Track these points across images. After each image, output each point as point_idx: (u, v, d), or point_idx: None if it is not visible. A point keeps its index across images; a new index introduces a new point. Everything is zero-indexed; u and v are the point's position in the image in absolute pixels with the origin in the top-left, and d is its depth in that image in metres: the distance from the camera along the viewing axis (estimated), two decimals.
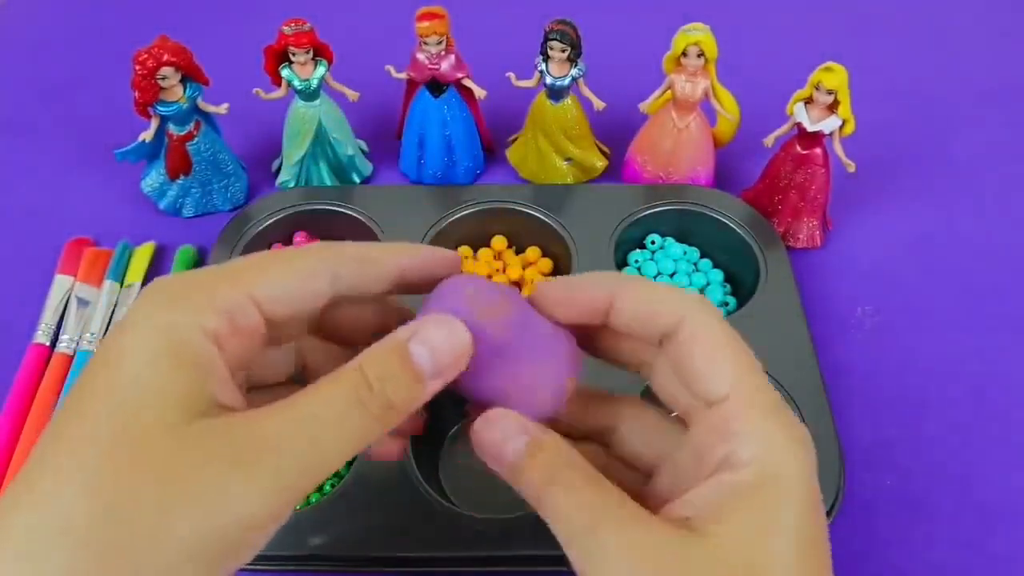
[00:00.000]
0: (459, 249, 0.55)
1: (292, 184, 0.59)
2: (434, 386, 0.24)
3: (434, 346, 0.23)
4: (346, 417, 0.22)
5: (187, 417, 0.21)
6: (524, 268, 0.54)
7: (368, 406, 0.22)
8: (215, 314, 0.22)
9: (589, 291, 0.26)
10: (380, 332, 0.25)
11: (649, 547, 0.22)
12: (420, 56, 0.55)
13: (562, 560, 0.24)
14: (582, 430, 0.29)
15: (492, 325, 0.25)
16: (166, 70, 0.51)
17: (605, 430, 0.29)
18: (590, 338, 0.28)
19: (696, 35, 0.52)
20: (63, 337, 0.50)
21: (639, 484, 0.27)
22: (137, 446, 0.20)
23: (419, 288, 0.27)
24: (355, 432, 0.22)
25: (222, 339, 0.22)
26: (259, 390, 0.27)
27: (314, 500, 0.44)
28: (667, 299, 0.26)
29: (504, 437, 0.24)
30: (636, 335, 0.26)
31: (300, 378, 0.29)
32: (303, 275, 0.24)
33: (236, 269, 0.24)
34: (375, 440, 0.23)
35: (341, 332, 0.28)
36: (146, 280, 0.54)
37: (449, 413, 0.48)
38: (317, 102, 0.56)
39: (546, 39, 0.53)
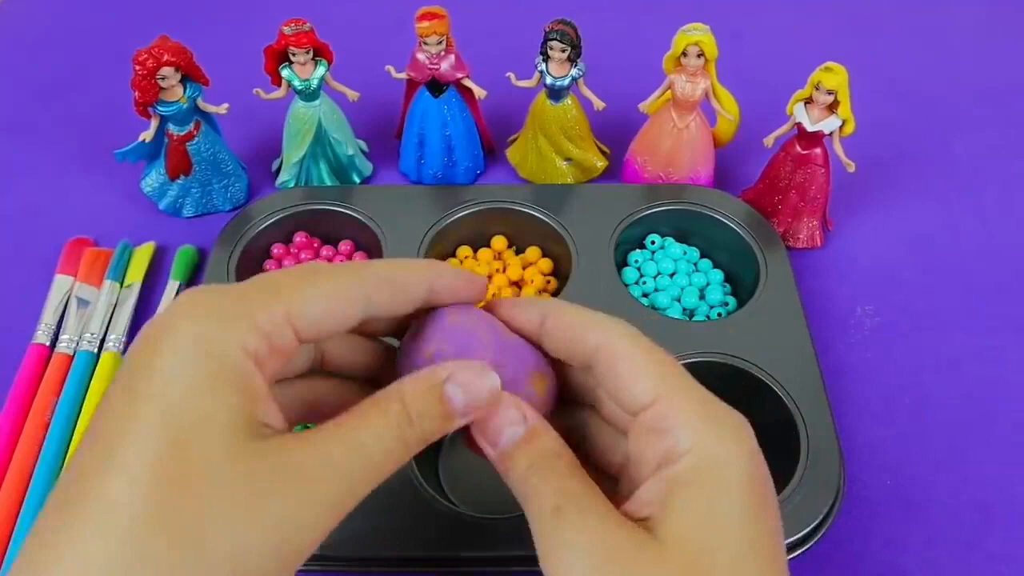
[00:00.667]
0: (459, 249, 0.55)
1: (292, 184, 0.59)
2: (460, 423, 0.26)
3: (468, 390, 0.25)
4: (391, 447, 0.24)
5: (240, 440, 0.21)
6: (524, 268, 0.54)
7: (407, 440, 0.24)
8: (256, 334, 0.22)
9: (525, 314, 0.28)
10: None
11: (605, 538, 0.23)
12: (420, 56, 0.55)
13: None
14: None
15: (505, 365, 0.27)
16: (166, 70, 0.51)
17: (575, 430, 0.29)
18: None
19: (696, 35, 0.52)
20: (63, 337, 0.50)
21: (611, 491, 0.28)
22: (193, 473, 0.20)
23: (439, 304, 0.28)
24: (394, 459, 0.24)
25: (261, 359, 0.23)
26: (280, 383, 0.28)
27: None
28: (589, 323, 0.27)
29: (505, 422, 0.26)
30: (565, 359, 0.28)
31: (318, 367, 0.29)
32: (340, 299, 0.25)
33: (274, 286, 0.24)
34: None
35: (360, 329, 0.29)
36: (146, 280, 0.54)
37: None
38: (317, 102, 0.56)
39: (546, 39, 0.53)
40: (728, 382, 0.47)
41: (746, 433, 0.25)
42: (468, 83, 0.56)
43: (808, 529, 0.40)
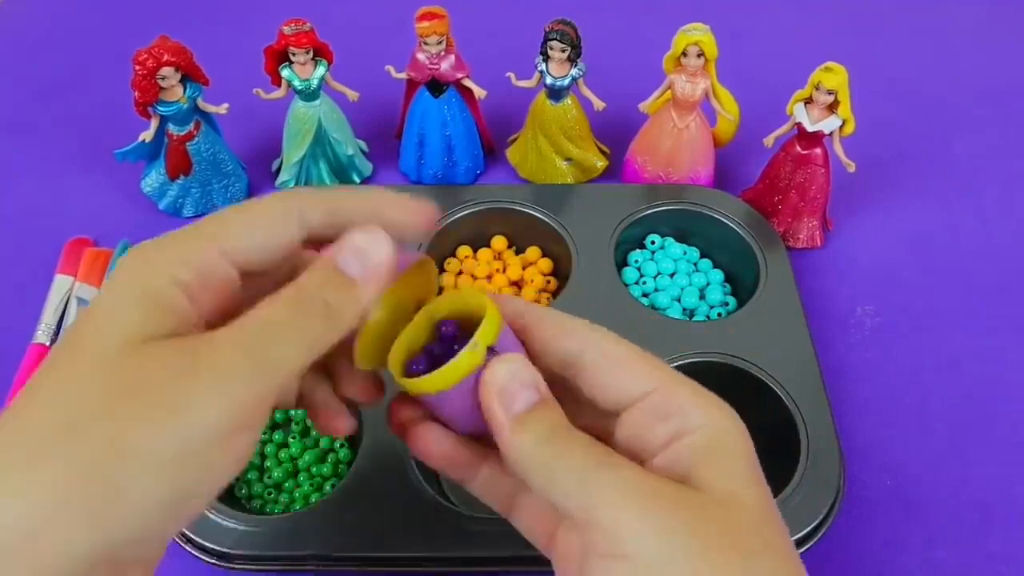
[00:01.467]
0: (459, 249, 0.55)
1: (292, 184, 0.58)
2: (367, 290, 0.25)
3: (363, 255, 0.25)
4: (291, 320, 0.24)
5: (146, 340, 0.22)
6: (524, 268, 0.54)
7: (309, 310, 0.24)
8: (186, 268, 0.23)
9: (509, 319, 0.28)
10: None
11: (647, 482, 0.24)
12: (420, 56, 0.55)
13: None
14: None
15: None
16: (166, 70, 0.51)
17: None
18: None
19: (696, 35, 0.52)
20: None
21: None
22: (97, 365, 0.21)
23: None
24: (302, 333, 0.24)
25: (194, 292, 0.23)
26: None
27: (314, 500, 0.44)
28: (571, 328, 0.27)
29: (521, 385, 0.25)
30: (543, 363, 0.27)
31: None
32: (267, 222, 0.25)
33: (206, 224, 0.25)
34: (325, 345, 0.24)
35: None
36: None
37: None
38: (317, 102, 0.56)
39: (546, 39, 0.53)
40: (728, 382, 0.47)
41: (737, 416, 0.26)
42: (468, 83, 0.56)
43: (808, 529, 0.40)
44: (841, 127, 0.51)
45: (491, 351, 0.25)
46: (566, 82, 0.54)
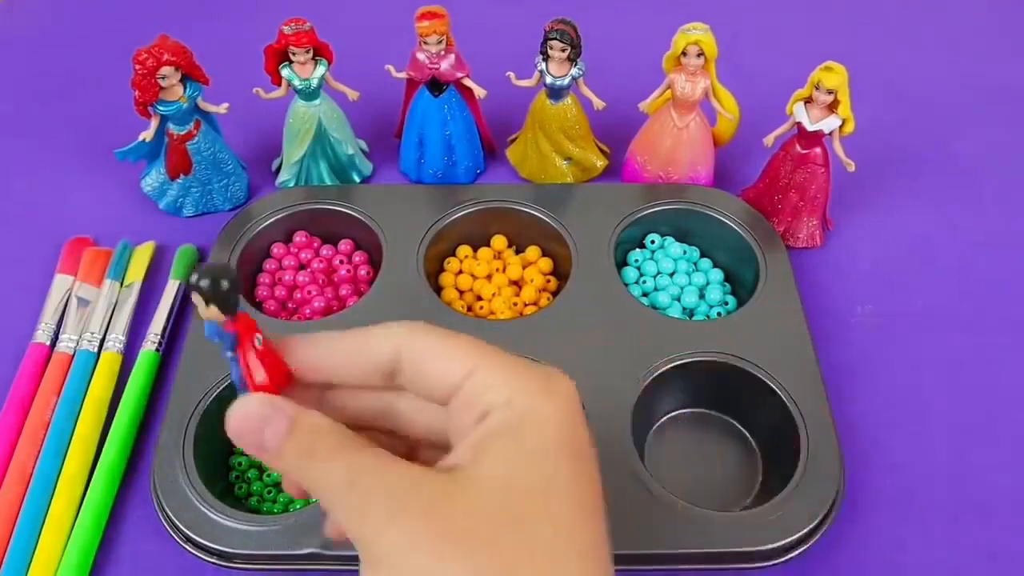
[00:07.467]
0: (459, 249, 0.55)
1: (292, 184, 0.58)
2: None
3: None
4: None
5: None
6: (524, 268, 0.54)
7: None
8: None
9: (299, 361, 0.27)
10: None
11: (404, 480, 0.23)
12: (420, 56, 0.55)
13: None
14: (369, 416, 0.28)
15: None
16: (166, 69, 0.51)
17: (387, 412, 0.28)
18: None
19: (696, 35, 0.52)
20: (63, 336, 0.50)
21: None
22: None
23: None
24: None
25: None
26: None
27: (314, 500, 0.44)
28: (371, 334, 0.26)
29: (262, 422, 0.24)
30: (360, 381, 0.27)
31: None
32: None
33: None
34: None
35: None
36: (146, 279, 0.54)
37: None
38: (317, 101, 0.56)
39: (546, 39, 0.53)
40: (728, 382, 0.47)
41: (566, 394, 0.25)
42: (468, 82, 0.56)
43: (808, 529, 0.40)
44: (841, 127, 0.51)
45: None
46: (566, 82, 0.54)
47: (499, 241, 0.56)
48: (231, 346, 0.26)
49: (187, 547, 0.41)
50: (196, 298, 0.24)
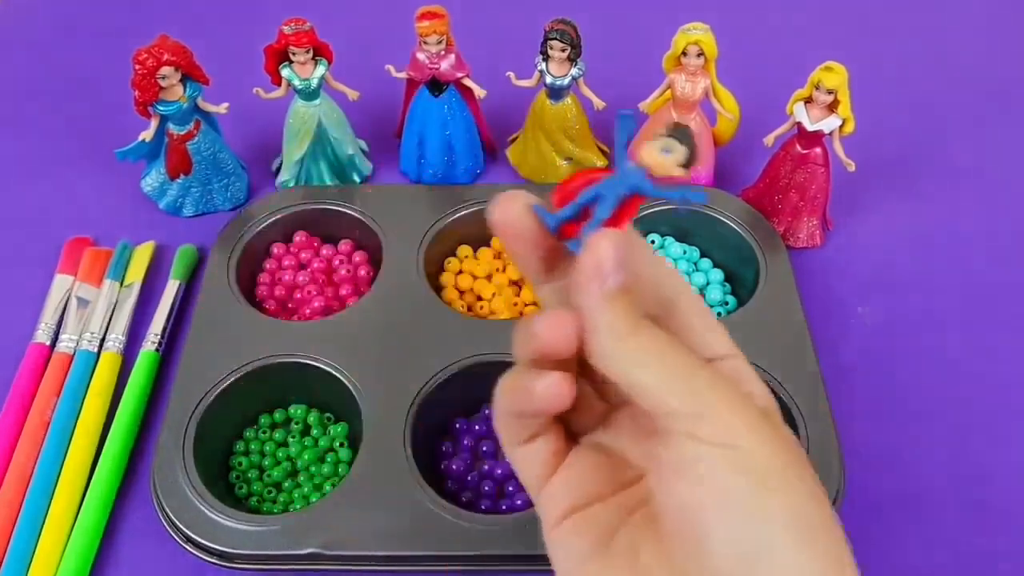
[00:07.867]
0: (459, 249, 0.55)
1: (292, 183, 0.58)
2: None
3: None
4: None
5: None
6: None
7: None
8: None
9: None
10: None
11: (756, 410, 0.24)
12: (420, 56, 0.55)
13: None
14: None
15: None
16: (166, 69, 0.51)
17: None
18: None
19: (696, 35, 0.52)
20: (63, 336, 0.50)
21: None
22: None
23: None
24: None
25: None
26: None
27: (314, 500, 0.44)
28: (672, 271, 0.29)
29: (616, 265, 0.24)
30: (644, 291, 0.27)
31: None
32: None
33: None
34: None
35: None
36: (146, 279, 0.54)
37: (448, 413, 0.48)
38: (317, 101, 0.56)
39: (546, 39, 0.53)
40: None
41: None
42: (468, 82, 0.56)
43: None
44: (841, 126, 0.51)
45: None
46: (566, 82, 0.54)
47: (499, 241, 0.56)
48: (629, 195, 0.25)
49: (187, 547, 0.41)
50: (668, 143, 0.24)
